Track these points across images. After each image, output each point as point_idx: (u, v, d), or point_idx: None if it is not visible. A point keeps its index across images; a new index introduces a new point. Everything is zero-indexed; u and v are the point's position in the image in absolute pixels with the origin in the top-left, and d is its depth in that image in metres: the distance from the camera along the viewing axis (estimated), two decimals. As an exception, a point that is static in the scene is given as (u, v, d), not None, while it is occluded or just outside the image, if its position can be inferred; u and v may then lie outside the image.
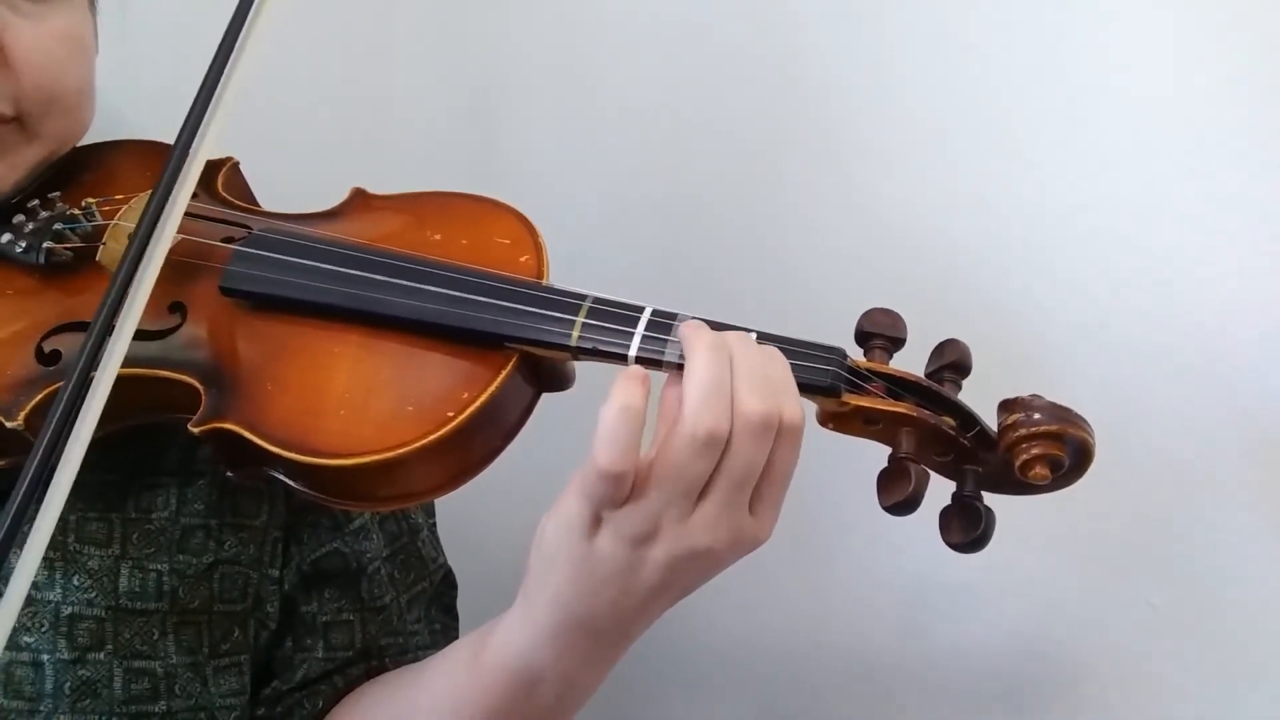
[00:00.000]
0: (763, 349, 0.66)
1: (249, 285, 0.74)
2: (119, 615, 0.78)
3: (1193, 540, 0.98)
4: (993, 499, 0.70)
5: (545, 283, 0.73)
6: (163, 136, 0.85)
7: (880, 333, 0.72)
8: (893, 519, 0.68)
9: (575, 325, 0.69)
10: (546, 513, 0.66)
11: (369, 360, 0.71)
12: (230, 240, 0.76)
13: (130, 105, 0.95)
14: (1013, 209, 1.00)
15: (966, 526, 0.68)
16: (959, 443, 0.69)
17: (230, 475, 0.72)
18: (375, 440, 0.67)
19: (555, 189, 1.16)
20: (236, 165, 0.86)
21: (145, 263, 0.68)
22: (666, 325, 0.68)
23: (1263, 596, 0.96)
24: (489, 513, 1.04)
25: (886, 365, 0.71)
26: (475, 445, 0.69)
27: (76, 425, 0.63)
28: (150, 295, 0.68)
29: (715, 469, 0.63)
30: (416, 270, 0.72)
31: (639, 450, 0.62)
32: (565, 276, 0.73)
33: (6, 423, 0.70)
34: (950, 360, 0.71)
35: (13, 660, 0.76)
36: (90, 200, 0.80)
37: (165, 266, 0.69)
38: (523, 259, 0.74)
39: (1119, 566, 1.01)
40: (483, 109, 1.20)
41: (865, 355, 0.72)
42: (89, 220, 0.79)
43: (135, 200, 0.80)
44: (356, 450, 0.67)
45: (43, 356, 0.73)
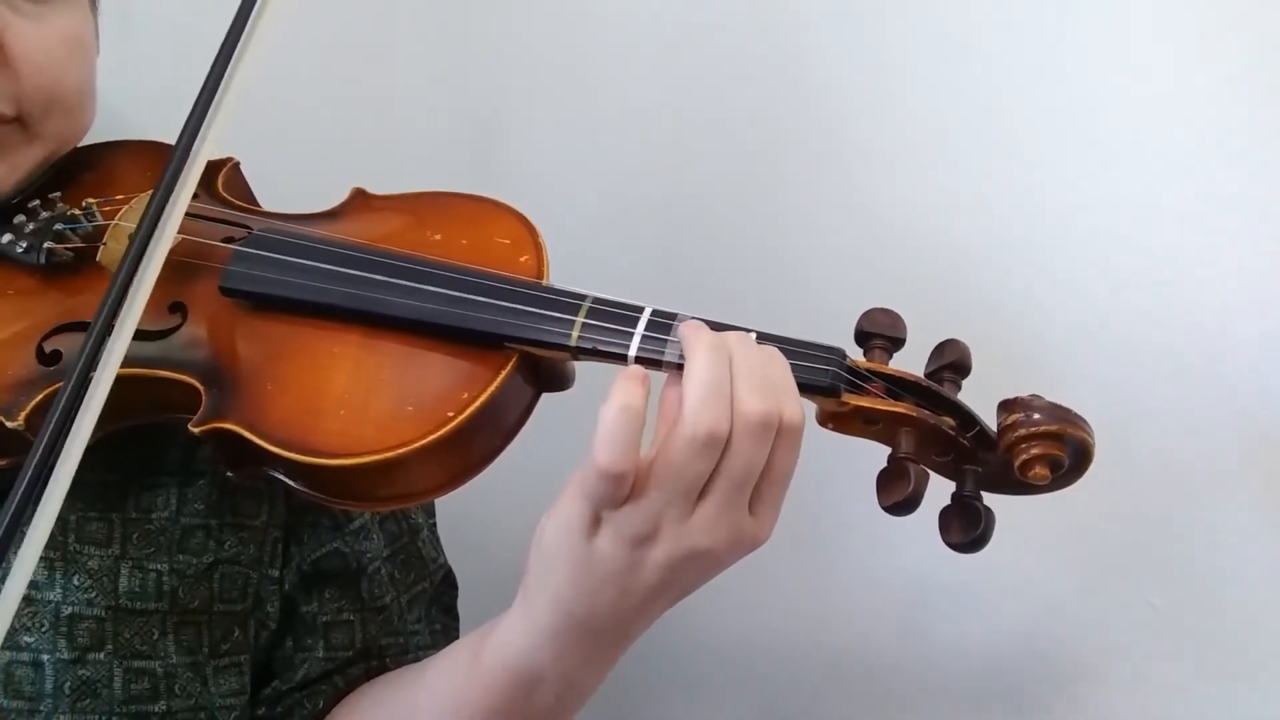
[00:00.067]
0: (762, 349, 0.66)
1: (249, 285, 0.74)
2: (119, 615, 0.78)
3: (1193, 540, 0.98)
4: (992, 499, 0.70)
5: (545, 283, 0.73)
6: (164, 137, 0.85)
7: (880, 333, 0.72)
8: (893, 519, 0.68)
9: (575, 325, 0.69)
10: (546, 513, 0.66)
11: (369, 360, 0.71)
12: (230, 240, 0.76)
13: (131, 105, 0.95)
14: (1013, 209, 1.00)
15: (966, 526, 0.68)
16: (959, 443, 0.69)
17: (230, 475, 0.72)
18: (375, 440, 0.67)
19: (555, 189, 1.16)
20: (237, 165, 0.86)
21: (145, 263, 0.68)
22: (666, 325, 0.68)
23: (1263, 596, 0.96)
24: (489, 513, 1.04)
25: (886, 365, 0.71)
26: (475, 445, 0.69)
27: (75, 425, 0.63)
28: (150, 295, 0.68)
29: (715, 469, 0.63)
30: (416, 270, 0.72)
31: (639, 450, 0.62)
32: (565, 276, 0.73)
33: (7, 423, 0.70)
34: (950, 360, 0.71)
35: (13, 660, 0.76)
36: (91, 200, 0.80)
37: (165, 266, 0.69)
38: (523, 259, 0.74)
39: (1119, 566, 1.01)
40: (483, 109, 1.20)
41: (865, 355, 0.72)
42: (89, 220, 0.79)
43: (136, 200, 0.80)
44: (356, 450, 0.67)
45: (43, 357, 0.73)
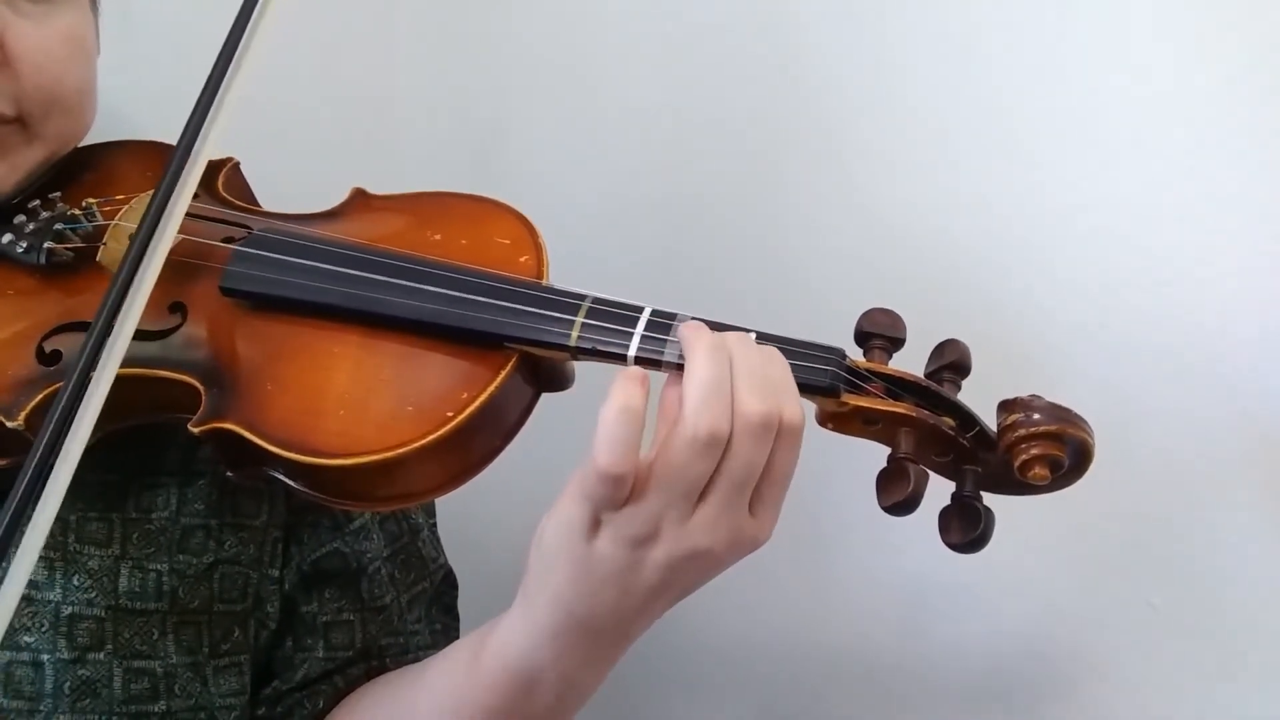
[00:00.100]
0: (762, 349, 0.66)
1: (249, 285, 0.74)
2: (119, 615, 0.78)
3: (1193, 540, 0.98)
4: (992, 499, 0.70)
5: (545, 283, 0.73)
6: (164, 137, 0.85)
7: (880, 333, 0.72)
8: (893, 519, 0.68)
9: (575, 325, 0.69)
10: (546, 513, 0.66)
11: (369, 360, 0.71)
12: (230, 240, 0.76)
13: (132, 105, 0.95)
14: (1013, 209, 1.00)
15: (966, 527, 0.68)
16: (958, 443, 0.69)
17: (230, 475, 0.72)
18: (375, 440, 0.67)
19: (555, 189, 1.16)
20: (237, 165, 0.86)
21: (146, 263, 0.68)
22: (666, 325, 0.68)
23: (1263, 596, 0.96)
24: (489, 513, 1.04)
25: (886, 365, 0.71)
26: (475, 445, 0.69)
27: (75, 425, 0.63)
28: (150, 295, 0.68)
29: (715, 470, 0.63)
30: (416, 270, 0.72)
31: (639, 451, 0.62)
32: (565, 276, 0.73)
33: (7, 423, 0.70)
34: (950, 360, 0.71)
35: (13, 660, 0.76)
36: (91, 200, 0.80)
37: (165, 266, 0.69)
38: (522, 259, 0.74)
39: (1119, 566, 1.01)
40: (483, 109, 1.20)
41: (865, 355, 0.72)
42: (90, 220, 0.79)
43: (136, 200, 0.80)
44: (356, 450, 0.67)
45: (43, 357, 0.73)
